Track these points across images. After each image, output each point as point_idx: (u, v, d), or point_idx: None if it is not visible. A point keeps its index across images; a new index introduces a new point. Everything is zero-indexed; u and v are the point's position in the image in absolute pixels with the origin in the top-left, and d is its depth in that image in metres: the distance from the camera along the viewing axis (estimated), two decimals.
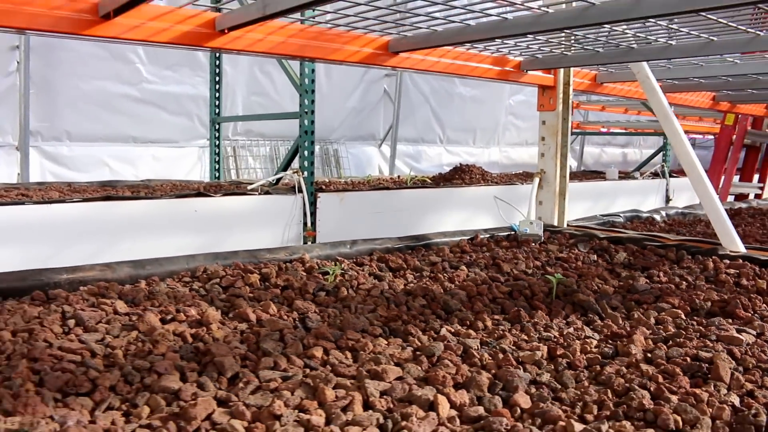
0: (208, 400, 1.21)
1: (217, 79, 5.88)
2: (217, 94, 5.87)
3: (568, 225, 3.35)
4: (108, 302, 1.82)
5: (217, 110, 5.88)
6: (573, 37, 2.71)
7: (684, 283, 2.25)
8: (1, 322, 1.64)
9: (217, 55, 5.90)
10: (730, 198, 6.01)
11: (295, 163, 4.87)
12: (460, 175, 6.12)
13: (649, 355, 1.54)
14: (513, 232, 3.14)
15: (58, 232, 3.81)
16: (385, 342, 1.61)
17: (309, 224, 4.83)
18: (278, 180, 5.17)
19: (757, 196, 5.89)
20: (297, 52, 2.40)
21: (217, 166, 5.92)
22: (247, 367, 1.42)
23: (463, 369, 1.43)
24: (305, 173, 4.82)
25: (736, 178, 5.97)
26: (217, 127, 5.89)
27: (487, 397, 1.30)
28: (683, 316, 1.88)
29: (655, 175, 7.05)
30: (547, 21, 2.15)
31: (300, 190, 4.80)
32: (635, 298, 2.08)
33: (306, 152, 4.82)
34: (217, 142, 5.90)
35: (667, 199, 6.95)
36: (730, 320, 1.84)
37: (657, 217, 3.89)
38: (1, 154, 6.01)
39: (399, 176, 6.79)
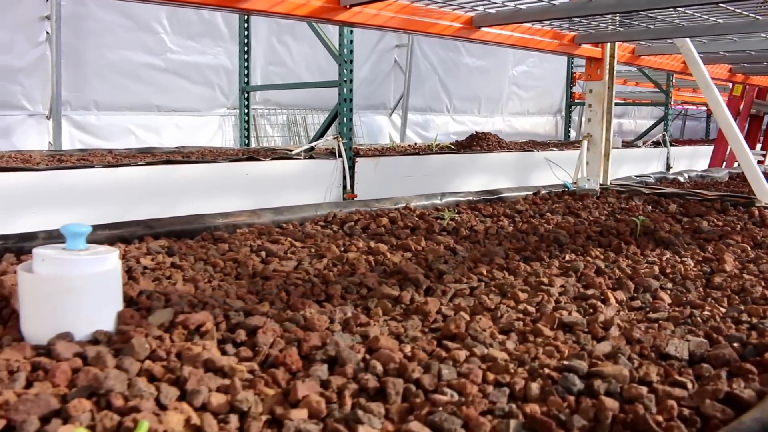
0: (433, 300, 1.63)
1: (246, 49, 6.20)
2: (246, 64, 6.20)
3: (611, 183, 3.81)
4: (282, 239, 2.23)
5: (246, 79, 6.21)
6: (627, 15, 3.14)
7: (738, 225, 2.72)
8: (204, 254, 2.04)
9: (246, 25, 6.21)
10: (736, 164, 6.53)
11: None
12: (478, 143, 6.55)
13: (742, 271, 2.00)
14: (566, 189, 3.59)
15: (124, 194, 4.15)
16: (528, 265, 2.05)
17: (348, 187, 5.22)
18: (312, 147, 5.54)
19: (760, 162, 6.42)
20: (402, 26, 2.80)
21: (246, 134, 6.26)
22: (433, 282, 1.83)
23: (605, 279, 1.88)
24: (344, 139, 5.19)
25: None
26: (246, 95, 6.22)
27: (637, 296, 1.74)
28: (750, 248, 2.35)
29: (656, 143, 7.57)
30: (629, 3, 2.58)
31: (340, 155, 5.18)
32: (703, 237, 2.54)
33: (345, 119, 5.19)
34: (247, 111, 6.24)
35: (668, 166, 7.48)
36: None
37: (681, 178, 4.38)
38: (32, 123, 6.27)
39: (416, 143, 7.19)
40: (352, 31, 5.21)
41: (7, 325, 1.36)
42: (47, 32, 6.15)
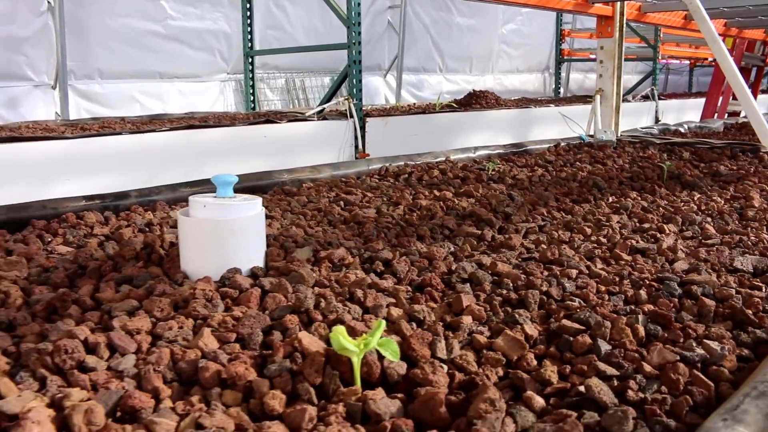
0: (516, 236, 1.86)
1: (249, 14, 6.29)
2: (249, 29, 6.30)
3: (621, 135, 4.06)
4: (354, 191, 2.44)
5: (250, 44, 6.32)
6: None
7: (751, 168, 2.99)
8: (287, 206, 2.25)
9: None
10: (726, 115, 6.83)
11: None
12: (477, 100, 6.76)
13: None
14: (582, 141, 3.83)
15: (151, 159, 4.31)
16: (579, 206, 2.29)
17: (360, 146, 5.41)
18: (323, 108, 5.70)
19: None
20: None
21: (252, 98, 6.39)
22: (503, 222, 2.06)
23: (654, 215, 2.13)
24: (355, 100, 5.36)
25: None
26: (251, 60, 6.34)
27: (686, 228, 1.99)
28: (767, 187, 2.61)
29: (645, 97, 7.83)
30: None
31: (351, 116, 5.36)
32: (723, 179, 2.80)
33: (354, 80, 5.35)
34: (251, 75, 6.36)
35: (656, 119, 7.75)
36: None
37: (682, 129, 4.64)
38: (38, 93, 6.34)
39: (414, 103, 7.38)
40: None
41: (163, 266, 1.56)
42: (48, 2, 6.19)
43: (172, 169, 4.33)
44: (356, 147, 5.35)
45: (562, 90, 9.34)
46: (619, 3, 3.83)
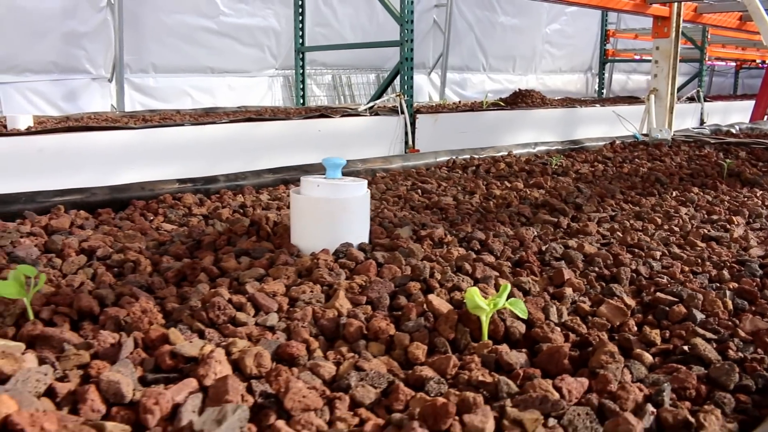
0: (592, 224, 1.99)
1: (301, 10, 6.47)
2: (301, 26, 6.47)
3: (674, 134, 4.15)
4: (429, 180, 2.58)
5: (301, 41, 6.50)
6: None
7: None
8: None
9: None
10: None
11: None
12: (522, 99, 6.86)
13: None
14: (636, 139, 3.92)
15: (210, 150, 4.49)
16: (646, 199, 2.40)
17: (410, 142, 5.55)
18: (373, 104, 5.85)
19: None
20: None
21: (302, 93, 6.57)
22: (575, 212, 2.19)
23: (720, 208, 2.23)
24: (406, 96, 5.50)
25: None
26: (302, 56, 6.52)
27: (752, 220, 2.10)
28: None
29: (690, 99, 7.86)
30: None
31: (402, 112, 5.50)
32: None
33: (406, 77, 5.49)
34: (302, 71, 6.54)
35: (701, 121, 7.78)
36: None
37: (733, 130, 4.71)
38: (95, 86, 6.59)
39: (459, 101, 7.50)
40: None
41: (272, 240, 1.72)
42: None
43: (230, 159, 4.51)
44: (406, 142, 5.50)
45: (605, 90, 9.39)
46: (676, 4, 3.92)
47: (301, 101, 6.65)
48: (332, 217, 1.60)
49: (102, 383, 0.94)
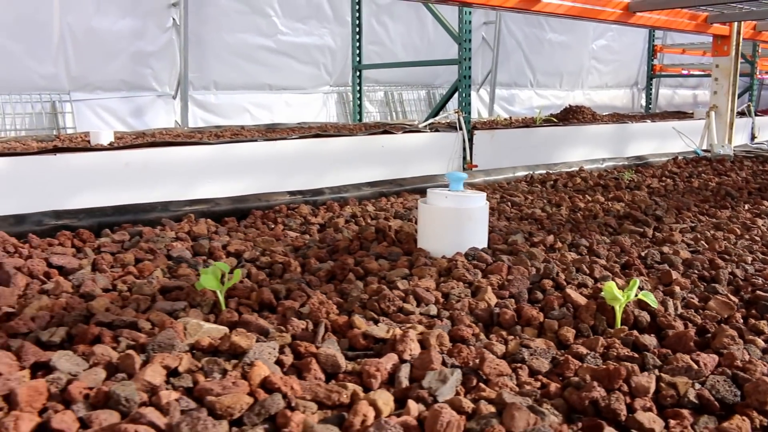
0: (676, 233, 2.21)
1: (358, 30, 6.77)
2: (358, 44, 6.77)
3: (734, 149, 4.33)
4: (515, 193, 2.83)
5: (358, 59, 6.79)
6: None
7: None
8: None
9: (358, 8, 6.77)
10: None
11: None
12: (573, 115, 7.06)
13: None
14: (696, 155, 4.12)
15: (280, 165, 4.76)
16: (720, 211, 2.62)
17: (468, 158, 5.79)
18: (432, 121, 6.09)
19: None
20: (570, 12, 3.34)
21: (359, 110, 6.86)
22: (654, 222, 2.40)
23: None
24: (464, 113, 5.74)
25: None
26: (359, 74, 6.81)
27: None
28: None
29: (740, 114, 7.99)
30: None
31: (460, 128, 5.74)
32: None
33: (464, 94, 5.73)
34: (359, 88, 6.83)
35: (753, 136, 7.91)
36: None
37: None
38: (160, 103, 6.96)
39: (510, 117, 7.73)
40: (470, 12, 5.75)
41: (400, 245, 1.97)
42: (174, 18, 6.80)
43: (299, 174, 4.78)
44: (464, 158, 5.74)
45: (652, 106, 9.55)
46: (736, 23, 4.12)
47: (358, 117, 6.94)
48: (459, 224, 1.85)
49: (321, 356, 1.20)
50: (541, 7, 3.19)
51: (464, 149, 5.79)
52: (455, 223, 1.85)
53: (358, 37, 6.85)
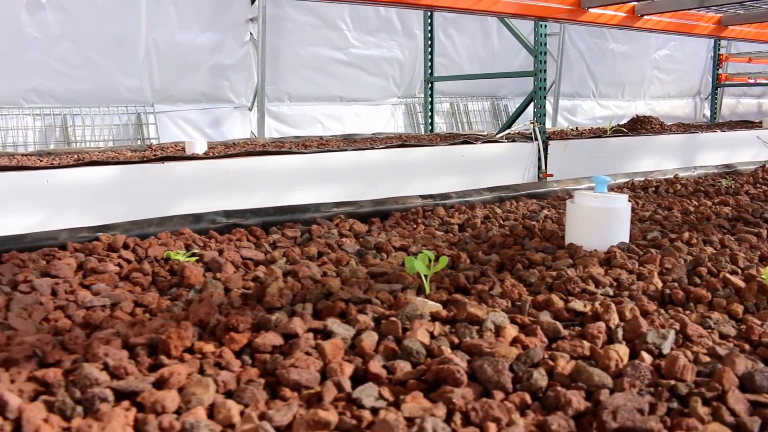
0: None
1: (430, 42, 7.10)
2: (430, 56, 7.11)
3: None
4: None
5: (430, 71, 7.12)
6: None
7: None
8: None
9: (430, 21, 7.11)
10: None
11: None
12: (641, 125, 7.30)
13: None
14: None
15: (368, 173, 5.09)
16: None
17: (543, 167, 6.07)
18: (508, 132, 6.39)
19: None
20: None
21: (430, 121, 7.18)
22: (764, 223, 2.66)
23: None
24: (539, 124, 6.03)
25: None
26: (430, 85, 7.14)
27: None
28: None
29: None
30: None
31: (536, 138, 6.03)
32: None
33: (539, 106, 6.03)
34: (430, 99, 7.16)
35: None
36: None
37: None
38: (237, 114, 7.36)
39: (570, 126, 7.99)
40: (545, 26, 6.05)
41: (551, 241, 2.27)
42: (251, 33, 7.21)
43: (384, 182, 5.11)
44: (539, 167, 6.02)
45: (717, 115, 9.73)
46: None
47: (430, 128, 7.26)
48: (608, 222, 2.14)
49: (543, 324, 1.48)
50: (607, 19, 3.46)
51: (539, 158, 6.08)
52: (604, 220, 2.14)
53: (430, 49, 7.18)
